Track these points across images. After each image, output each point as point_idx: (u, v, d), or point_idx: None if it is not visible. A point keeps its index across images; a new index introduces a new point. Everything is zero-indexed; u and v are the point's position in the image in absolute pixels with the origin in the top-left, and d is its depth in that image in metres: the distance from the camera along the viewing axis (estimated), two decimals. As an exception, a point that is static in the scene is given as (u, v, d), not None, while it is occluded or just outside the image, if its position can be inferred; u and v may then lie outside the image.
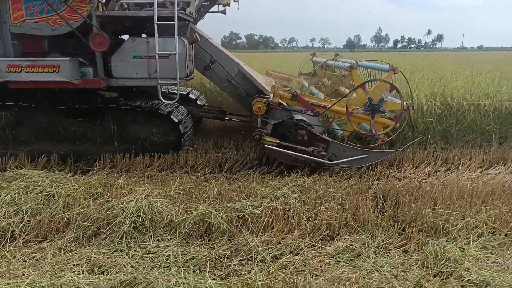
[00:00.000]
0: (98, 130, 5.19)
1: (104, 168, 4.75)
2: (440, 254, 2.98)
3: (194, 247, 3.09)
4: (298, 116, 5.06)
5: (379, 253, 3.14)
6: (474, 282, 2.64)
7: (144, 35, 5.33)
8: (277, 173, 4.88)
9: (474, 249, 3.14)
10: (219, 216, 3.34)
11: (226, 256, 2.98)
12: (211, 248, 3.09)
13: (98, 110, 5.18)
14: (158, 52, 4.71)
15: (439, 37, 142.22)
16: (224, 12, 6.79)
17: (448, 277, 2.75)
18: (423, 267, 2.92)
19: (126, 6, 5.03)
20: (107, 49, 4.78)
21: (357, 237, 3.34)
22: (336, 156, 4.91)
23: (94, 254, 2.91)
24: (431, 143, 5.85)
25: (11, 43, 4.80)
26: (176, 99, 5.01)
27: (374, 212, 3.71)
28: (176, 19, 4.67)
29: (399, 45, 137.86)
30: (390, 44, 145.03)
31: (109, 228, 3.25)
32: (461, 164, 5.19)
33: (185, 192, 3.93)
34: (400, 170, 5.05)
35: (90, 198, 3.76)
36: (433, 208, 3.75)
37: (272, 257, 2.99)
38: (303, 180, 4.32)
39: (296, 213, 3.57)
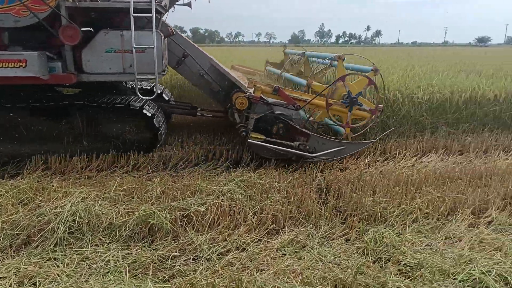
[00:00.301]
0: (64, 129, 4.86)
1: (36, 170, 4.41)
2: (379, 240, 3.11)
3: (136, 250, 2.96)
4: (278, 110, 5.07)
5: (323, 243, 3.21)
6: (409, 266, 2.79)
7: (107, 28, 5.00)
8: (223, 169, 4.83)
9: (409, 234, 3.31)
10: (163, 216, 3.23)
11: (170, 257, 2.90)
12: (154, 249, 2.98)
13: (63, 108, 4.83)
14: (135, 46, 4.50)
15: (378, 33, 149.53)
16: (189, 4, 6.58)
17: (387, 262, 2.88)
18: (364, 254, 3.03)
19: None
20: (78, 42, 4.45)
21: (302, 229, 3.39)
22: (316, 149, 5.02)
23: (24, 265, 2.68)
24: (371, 134, 6.12)
25: None
26: (155, 95, 4.89)
27: (318, 203, 3.80)
28: (153, 11, 4.46)
29: (341, 40, 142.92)
30: (333, 39, 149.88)
31: (41, 236, 3.01)
32: (397, 153, 5.47)
33: (126, 193, 3.76)
34: (343, 162, 5.22)
35: (19, 204, 3.47)
36: (372, 197, 3.91)
37: (218, 255, 2.95)
38: (248, 175, 4.31)
39: (242, 209, 3.56)
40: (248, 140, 4.81)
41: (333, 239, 3.30)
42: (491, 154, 5.62)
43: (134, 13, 4.38)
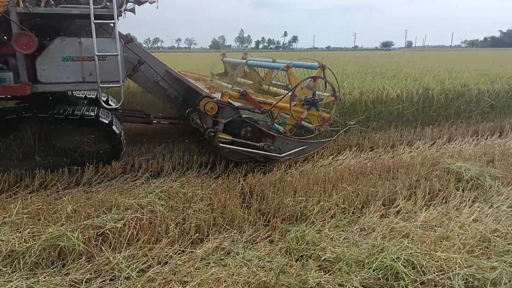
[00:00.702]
0: (13, 145, 4.50)
1: None
2: (301, 239, 3.20)
3: (44, 277, 2.68)
4: (245, 114, 5.23)
5: (248, 247, 3.21)
6: (329, 260, 2.90)
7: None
8: (143, 180, 4.62)
9: (328, 229, 3.46)
10: (74, 237, 2.97)
11: (84, 280, 2.67)
12: (65, 274, 2.72)
13: (12, 122, 4.44)
14: (97, 54, 4.36)
15: (294, 38, 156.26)
16: (133, 10, 6.34)
17: (308, 260, 2.97)
18: (287, 254, 3.09)
19: (52, 2, 4.40)
20: (34, 50, 4.18)
21: (226, 236, 3.36)
22: (281, 149, 5.24)
23: None
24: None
25: None
26: (121, 103, 4.81)
27: (241, 208, 3.80)
28: (116, 18, 4.40)
29: (260, 46, 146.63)
30: (253, 44, 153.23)
31: None
32: (315, 153, 5.72)
33: (31, 215, 3.40)
34: (265, 165, 5.31)
35: None
36: (293, 197, 4.02)
37: (138, 272, 2.79)
38: (170, 185, 4.17)
39: (164, 221, 3.42)
40: (217, 141, 4.89)
41: (258, 242, 3.32)
42: (397, 149, 6.14)
43: (94, 19, 4.23)
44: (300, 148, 5.40)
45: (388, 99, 7.56)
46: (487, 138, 6.84)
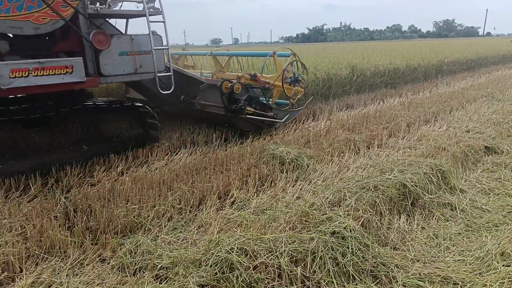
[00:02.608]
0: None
1: None
2: (134, 251, 2.98)
3: None
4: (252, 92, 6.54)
5: (74, 274, 2.82)
6: (166, 267, 2.77)
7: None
8: None
9: (166, 233, 3.34)
10: None
11: None
12: None
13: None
14: (154, 48, 5.17)
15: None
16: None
17: (143, 272, 2.78)
18: (121, 271, 2.83)
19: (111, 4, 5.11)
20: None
21: (45, 266, 2.87)
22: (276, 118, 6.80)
23: None
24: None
25: None
26: (171, 89, 5.55)
27: (63, 230, 3.32)
28: (164, 15, 5.22)
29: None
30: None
31: None
32: (149, 155, 5.48)
33: None
34: (93, 176, 4.80)
35: None
36: (126, 207, 3.73)
37: None
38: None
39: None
40: (246, 114, 6.20)
41: (86, 264, 2.95)
42: (230, 141, 6.40)
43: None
44: (287, 116, 7.12)
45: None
46: (304, 123, 7.76)
